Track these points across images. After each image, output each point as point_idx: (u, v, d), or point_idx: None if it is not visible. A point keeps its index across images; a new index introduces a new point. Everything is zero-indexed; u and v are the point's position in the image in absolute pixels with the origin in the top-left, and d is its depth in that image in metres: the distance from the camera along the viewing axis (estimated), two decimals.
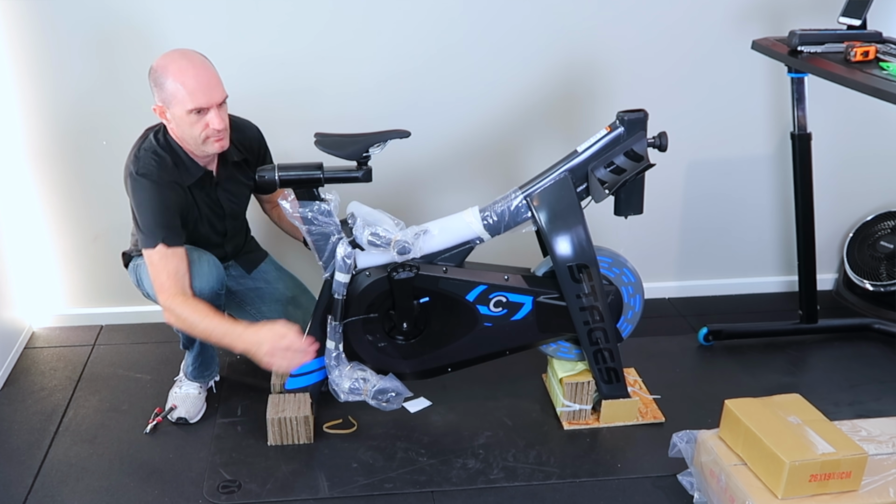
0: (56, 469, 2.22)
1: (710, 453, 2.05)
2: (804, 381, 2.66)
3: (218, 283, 2.25)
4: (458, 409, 2.48)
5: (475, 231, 2.25)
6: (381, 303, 2.26)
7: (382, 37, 2.67)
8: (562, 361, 2.44)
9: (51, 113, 2.64)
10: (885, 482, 1.93)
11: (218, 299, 2.26)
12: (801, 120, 2.65)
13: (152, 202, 2.16)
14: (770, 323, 2.97)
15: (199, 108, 2.13)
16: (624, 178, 2.16)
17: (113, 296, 2.90)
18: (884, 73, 2.19)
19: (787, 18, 2.76)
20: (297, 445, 2.31)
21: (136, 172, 2.17)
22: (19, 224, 2.77)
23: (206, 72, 2.15)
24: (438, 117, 2.79)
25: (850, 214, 3.16)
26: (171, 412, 2.39)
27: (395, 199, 2.79)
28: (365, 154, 2.15)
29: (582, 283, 2.26)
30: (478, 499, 2.14)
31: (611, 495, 2.15)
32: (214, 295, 2.24)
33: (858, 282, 3.11)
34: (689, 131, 2.89)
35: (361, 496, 2.14)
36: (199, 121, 2.15)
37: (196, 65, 2.15)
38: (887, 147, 3.05)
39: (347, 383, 2.30)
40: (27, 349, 2.79)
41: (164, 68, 2.14)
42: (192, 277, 2.21)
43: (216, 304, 2.24)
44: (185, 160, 2.24)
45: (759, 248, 3.18)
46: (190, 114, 2.13)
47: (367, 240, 2.18)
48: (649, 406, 2.48)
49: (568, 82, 2.81)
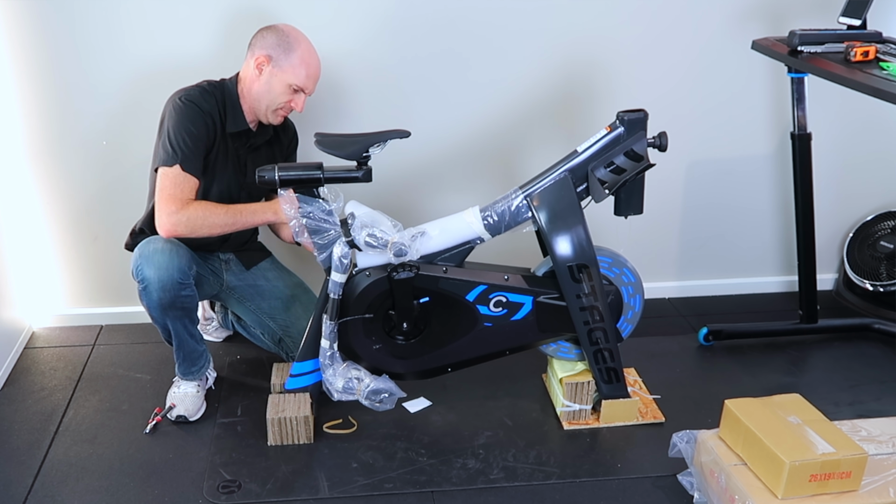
0: (56, 469, 2.22)
1: (710, 453, 2.05)
2: (804, 381, 2.66)
3: (178, 274, 2.21)
4: (458, 409, 2.48)
5: (476, 231, 2.25)
6: (381, 303, 2.26)
7: (382, 36, 2.67)
8: (562, 361, 2.44)
9: (51, 113, 2.64)
10: (885, 482, 1.93)
11: (180, 290, 2.23)
12: (801, 120, 2.65)
13: (186, 127, 2.23)
14: (770, 323, 2.97)
15: (303, 89, 2.31)
16: (624, 178, 2.17)
17: (113, 296, 2.90)
18: (884, 73, 2.19)
19: (787, 18, 2.76)
20: (297, 445, 2.31)
21: (181, 97, 2.27)
22: (19, 224, 2.77)
23: (319, 63, 2.35)
24: (438, 117, 2.79)
25: (850, 214, 3.16)
26: (171, 411, 2.39)
27: (395, 199, 2.79)
28: (365, 154, 2.15)
29: (582, 283, 2.26)
30: (478, 499, 2.14)
31: (611, 495, 2.15)
32: (175, 285, 2.21)
33: (858, 282, 3.11)
34: (690, 131, 2.89)
35: (361, 496, 2.14)
36: (290, 95, 2.31)
37: (315, 53, 2.34)
38: (887, 147, 3.05)
39: (341, 382, 2.30)
40: (27, 349, 2.79)
41: (296, 40, 2.29)
42: (147, 266, 2.20)
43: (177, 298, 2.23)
44: (235, 107, 2.33)
45: (759, 248, 3.18)
46: (290, 86, 2.29)
47: (365, 241, 2.18)
48: (649, 406, 2.48)
49: (568, 82, 2.81)
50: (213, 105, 2.30)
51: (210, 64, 2.58)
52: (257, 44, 2.31)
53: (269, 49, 2.29)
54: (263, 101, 2.32)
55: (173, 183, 2.21)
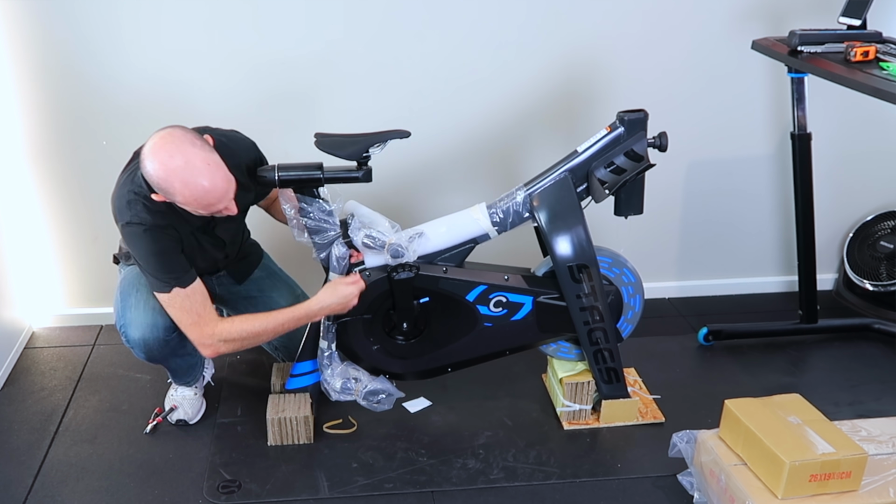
0: (56, 469, 2.22)
1: (710, 453, 2.05)
2: (804, 381, 2.66)
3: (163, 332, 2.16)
4: (458, 409, 2.48)
5: (483, 227, 2.25)
6: (381, 303, 2.26)
7: (382, 37, 2.67)
8: (562, 361, 2.44)
9: (51, 113, 2.64)
10: (885, 482, 1.93)
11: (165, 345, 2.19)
12: (801, 120, 2.65)
13: (152, 250, 2.03)
14: (770, 323, 2.97)
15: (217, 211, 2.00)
16: (624, 178, 2.17)
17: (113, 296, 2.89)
18: (884, 73, 2.19)
19: (787, 18, 2.76)
20: (297, 445, 2.31)
21: (129, 222, 2.02)
22: (19, 224, 2.77)
23: (212, 176, 1.91)
24: (438, 117, 2.79)
25: (850, 214, 3.16)
26: (172, 413, 2.39)
27: (395, 199, 2.79)
28: (365, 154, 2.15)
29: (582, 284, 2.26)
30: (478, 499, 2.14)
31: (611, 495, 2.15)
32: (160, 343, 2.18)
33: (858, 282, 3.11)
34: (690, 131, 2.89)
35: (361, 496, 2.14)
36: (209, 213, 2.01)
37: (199, 171, 1.90)
38: (887, 147, 3.05)
39: (339, 382, 2.30)
40: (27, 349, 2.79)
41: (166, 182, 1.91)
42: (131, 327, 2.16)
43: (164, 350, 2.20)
44: (180, 210, 2.03)
45: (759, 248, 3.18)
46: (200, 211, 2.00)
47: (362, 242, 2.18)
48: (649, 406, 2.48)
49: (568, 82, 2.81)
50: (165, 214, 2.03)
51: (210, 63, 2.58)
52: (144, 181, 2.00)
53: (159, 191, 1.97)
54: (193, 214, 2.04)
55: (186, 309, 2.07)
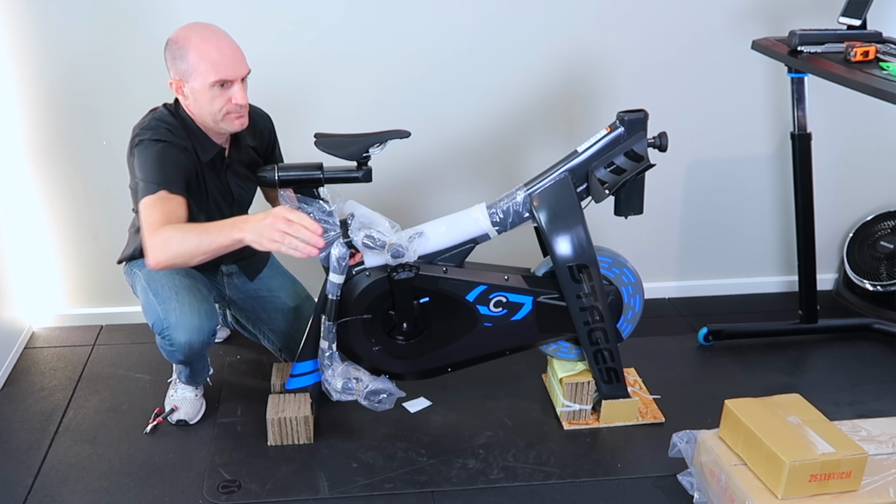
0: (56, 469, 2.22)
1: (710, 453, 2.05)
2: (804, 381, 2.66)
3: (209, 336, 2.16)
4: (458, 409, 2.48)
5: (483, 227, 2.25)
6: (380, 303, 2.26)
7: (382, 37, 2.67)
8: (562, 361, 2.44)
9: (51, 113, 2.64)
10: (885, 482, 1.93)
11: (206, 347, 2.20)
12: (801, 120, 2.65)
13: (159, 159, 2.01)
14: (770, 323, 2.97)
15: (224, 80, 2.03)
16: (624, 178, 2.17)
17: (113, 296, 2.90)
18: (884, 73, 2.19)
19: (787, 18, 2.76)
20: (297, 445, 2.31)
21: (148, 138, 2.04)
22: (19, 224, 2.77)
23: (230, 43, 2.06)
24: (438, 117, 2.79)
25: (850, 214, 3.16)
26: (172, 414, 2.39)
27: (395, 199, 2.79)
28: (365, 154, 2.15)
29: (582, 284, 2.26)
30: (478, 499, 2.14)
31: (611, 495, 2.16)
32: (203, 345, 2.18)
33: (858, 282, 3.11)
34: (690, 131, 2.89)
35: (361, 496, 2.14)
36: (222, 95, 2.05)
37: (220, 35, 2.05)
38: (887, 147, 3.05)
39: (340, 382, 2.30)
40: (27, 349, 2.79)
41: (185, 39, 2.03)
42: (177, 331, 2.11)
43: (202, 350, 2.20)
44: (199, 135, 2.13)
45: (759, 248, 3.19)
46: (213, 87, 2.03)
47: (362, 242, 2.18)
48: (649, 406, 2.48)
49: (568, 82, 2.81)
50: (183, 136, 2.10)
51: None
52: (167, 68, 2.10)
53: (172, 69, 2.08)
54: (206, 116, 2.10)
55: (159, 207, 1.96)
